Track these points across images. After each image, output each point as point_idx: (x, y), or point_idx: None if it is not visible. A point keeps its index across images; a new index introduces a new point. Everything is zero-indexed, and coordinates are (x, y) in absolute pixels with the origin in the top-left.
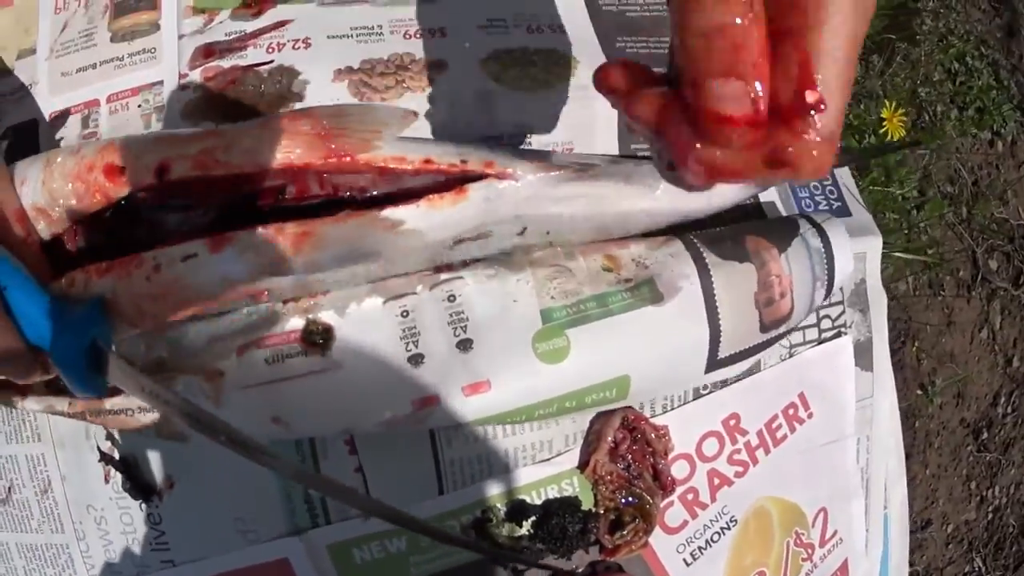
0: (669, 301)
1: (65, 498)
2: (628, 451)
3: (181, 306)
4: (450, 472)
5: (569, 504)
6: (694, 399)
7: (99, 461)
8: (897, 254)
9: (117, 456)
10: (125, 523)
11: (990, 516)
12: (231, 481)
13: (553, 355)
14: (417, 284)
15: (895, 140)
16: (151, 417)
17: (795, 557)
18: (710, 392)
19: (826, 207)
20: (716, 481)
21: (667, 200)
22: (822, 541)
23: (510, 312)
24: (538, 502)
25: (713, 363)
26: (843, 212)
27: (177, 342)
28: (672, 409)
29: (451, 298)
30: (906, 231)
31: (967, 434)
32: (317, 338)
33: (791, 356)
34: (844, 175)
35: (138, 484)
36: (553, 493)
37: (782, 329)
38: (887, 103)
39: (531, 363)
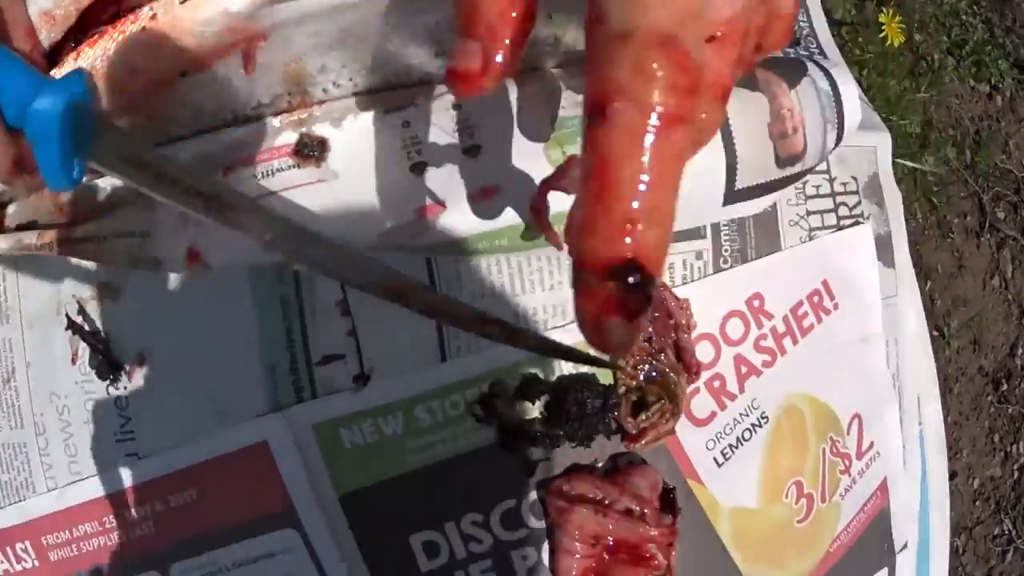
0: None
1: (28, 386)
2: (650, 320)
3: (177, 57)
4: (453, 336)
5: (586, 380)
6: (714, 272)
7: (67, 330)
8: (904, 164)
9: (87, 328)
10: (89, 410)
11: (1016, 475)
12: (208, 354)
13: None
14: (418, 96)
15: (892, 44)
16: (124, 244)
17: (832, 468)
18: (730, 266)
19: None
20: (743, 369)
21: None
22: (859, 452)
23: (523, 116)
24: (552, 378)
25: (731, 194)
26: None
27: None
28: (692, 281)
29: (456, 106)
30: (912, 172)
31: (986, 383)
32: (311, 151)
33: (811, 239)
34: (850, 82)
35: (107, 360)
36: (568, 368)
37: (797, 168)
38: (885, 10)
39: (545, 168)
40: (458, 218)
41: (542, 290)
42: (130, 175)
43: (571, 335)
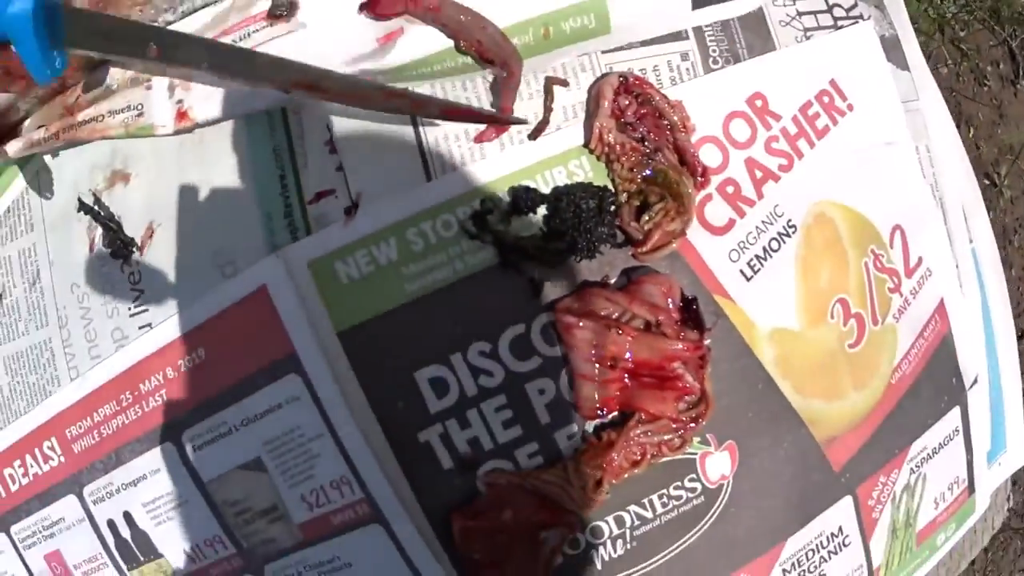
0: None
1: (52, 284)
2: (637, 117)
3: None
4: (436, 154)
5: (581, 186)
6: (705, 73)
7: (83, 212)
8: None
9: (103, 204)
10: (105, 293)
11: None
12: (209, 212)
13: None
14: None
15: None
16: (121, 118)
17: (880, 285)
18: (721, 67)
19: None
20: (758, 174)
21: None
22: (907, 269)
23: None
24: (545, 190)
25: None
26: None
27: None
28: (682, 83)
29: None
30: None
31: None
32: (282, 10)
33: (807, 39)
34: None
35: (120, 239)
36: (561, 178)
37: None
38: None
39: None
40: (414, 39)
41: (521, 99)
42: (103, 47)
43: (558, 144)
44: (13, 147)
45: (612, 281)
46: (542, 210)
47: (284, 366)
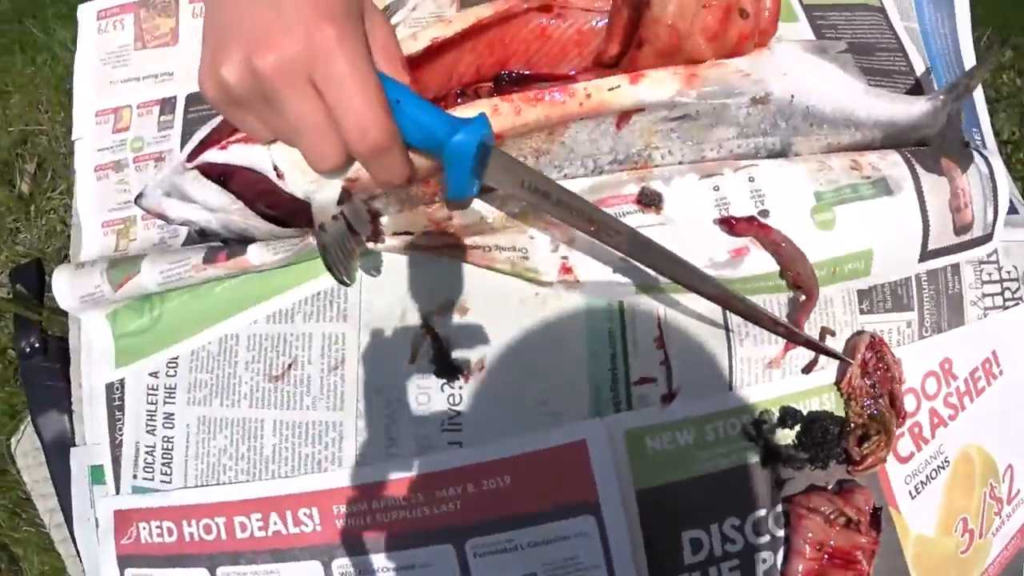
0: (898, 194)
1: (356, 376)
2: (874, 368)
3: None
4: (739, 371)
5: (829, 414)
6: (919, 339)
7: (420, 331)
8: None
9: (434, 326)
10: (420, 403)
11: None
12: (542, 367)
13: (825, 225)
14: (724, 168)
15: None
16: (507, 255)
17: (989, 510)
18: (930, 335)
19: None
20: (935, 420)
21: (870, 100)
22: (1009, 498)
23: (794, 190)
24: (805, 411)
25: (924, 253)
26: (1013, 211)
27: None
28: (903, 345)
29: (751, 179)
30: None
31: None
32: (650, 200)
33: (985, 316)
34: (1001, 166)
35: (448, 364)
36: (815, 405)
37: (966, 237)
38: None
39: (811, 229)
40: (756, 258)
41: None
42: (517, 191)
43: (819, 379)
44: (391, 242)
45: (830, 487)
46: (798, 427)
47: (583, 508)
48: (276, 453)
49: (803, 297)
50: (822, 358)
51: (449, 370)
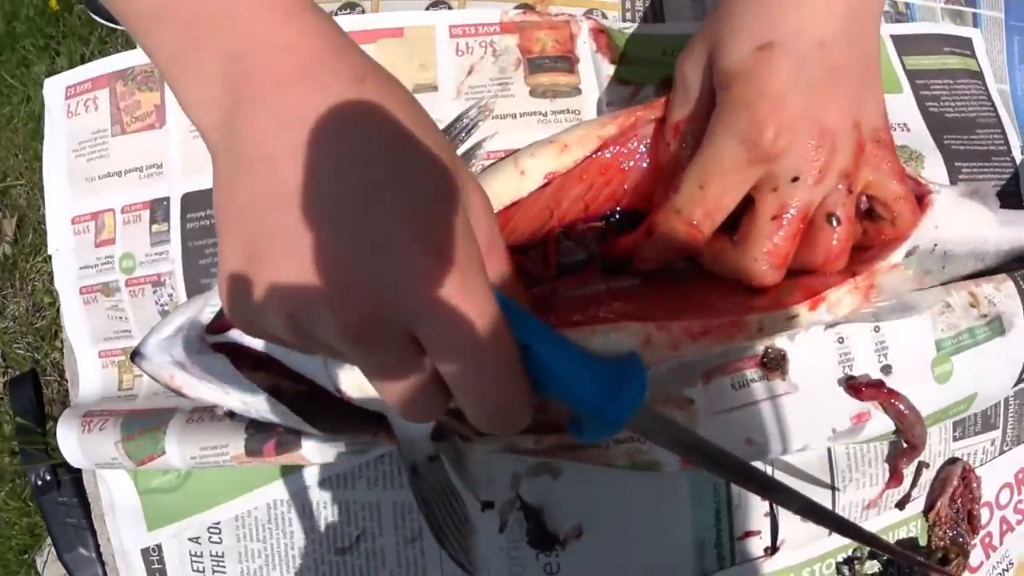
0: (1009, 333)
1: (438, 548)
2: (960, 496)
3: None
4: (842, 512)
5: (911, 544)
6: (999, 455)
7: (509, 498)
8: None
9: (524, 499)
10: (514, 574)
11: None
12: (645, 531)
13: (943, 378)
14: (850, 324)
15: None
16: (625, 448)
17: None
18: (1010, 448)
19: None
20: (1004, 527)
21: (1000, 231)
22: None
23: (916, 340)
24: (891, 540)
25: (1018, 379)
26: None
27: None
28: (986, 463)
29: (876, 329)
30: None
31: None
32: (774, 363)
33: None
34: None
35: (542, 533)
36: (901, 534)
37: None
38: None
39: (930, 383)
40: (877, 423)
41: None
42: (667, 446)
43: (908, 512)
44: (489, 445)
45: None
46: (885, 557)
47: None
48: None
49: (909, 448)
50: (915, 489)
51: (544, 540)
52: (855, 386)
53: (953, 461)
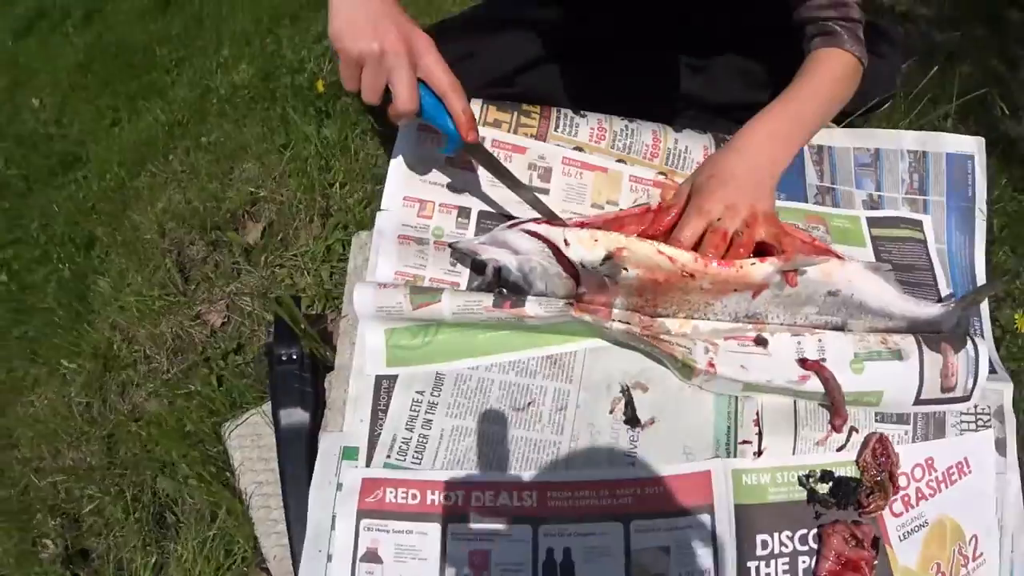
0: (906, 361)
1: (573, 416)
2: (880, 455)
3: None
4: (800, 443)
5: (850, 477)
6: (911, 441)
7: (619, 395)
8: None
9: (631, 393)
10: (612, 438)
11: None
12: (688, 425)
13: (857, 371)
14: (804, 331)
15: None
16: (681, 349)
17: (957, 562)
18: (920, 441)
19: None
20: (919, 495)
21: (901, 303)
22: (974, 557)
23: (843, 350)
24: (836, 474)
25: (916, 400)
26: (992, 371)
27: None
28: (901, 444)
29: (819, 340)
30: None
31: None
32: (762, 341)
33: (961, 434)
34: (986, 352)
35: (633, 417)
36: (842, 472)
37: (948, 396)
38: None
39: (848, 372)
40: (815, 384)
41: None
42: (483, 163)
43: (848, 455)
44: (617, 326)
45: (848, 521)
46: (831, 483)
47: (704, 509)
48: (511, 456)
49: (833, 407)
50: (849, 442)
51: (634, 421)
52: (802, 360)
53: (874, 433)
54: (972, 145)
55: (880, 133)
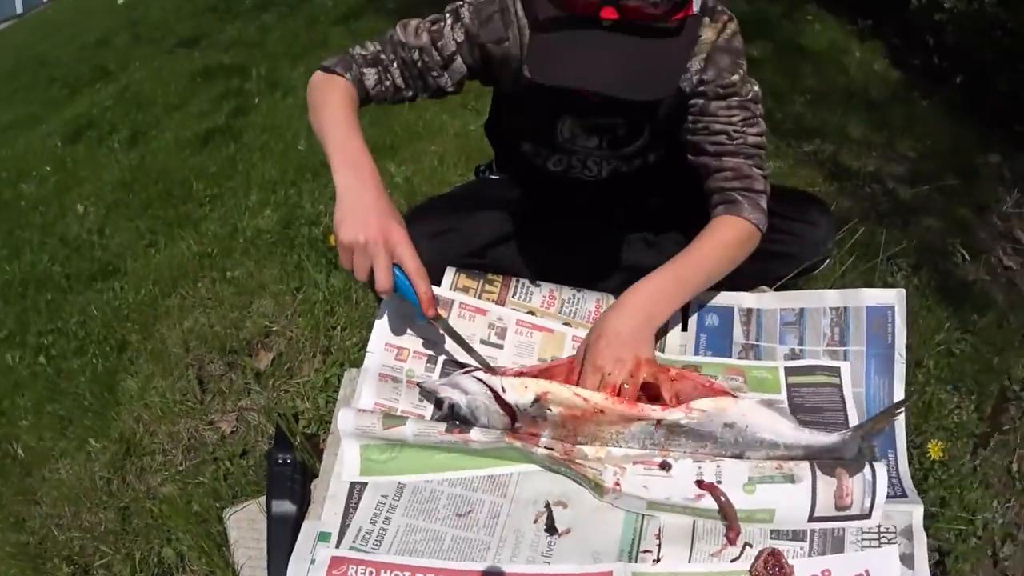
0: (799, 484)
1: (504, 523)
2: (774, 565)
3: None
4: (696, 554)
5: None
6: (808, 556)
7: (543, 509)
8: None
9: (552, 509)
10: (533, 541)
11: None
12: (598, 535)
13: (749, 492)
14: (705, 459)
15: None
16: (592, 472)
17: None
18: (817, 556)
19: (892, 493)
20: None
21: (795, 433)
22: None
23: (738, 475)
24: None
25: (811, 518)
26: (903, 495)
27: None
28: (797, 558)
29: (718, 467)
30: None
31: None
32: (665, 467)
33: (862, 550)
34: (904, 474)
35: (552, 527)
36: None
37: (843, 514)
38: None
39: (741, 493)
40: (710, 502)
41: (739, 547)
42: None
43: (742, 564)
44: (540, 452)
45: None
46: None
47: None
48: (450, 549)
49: (727, 522)
50: (742, 555)
51: (552, 530)
52: (699, 481)
53: (767, 548)
54: (892, 297)
55: (805, 294)
